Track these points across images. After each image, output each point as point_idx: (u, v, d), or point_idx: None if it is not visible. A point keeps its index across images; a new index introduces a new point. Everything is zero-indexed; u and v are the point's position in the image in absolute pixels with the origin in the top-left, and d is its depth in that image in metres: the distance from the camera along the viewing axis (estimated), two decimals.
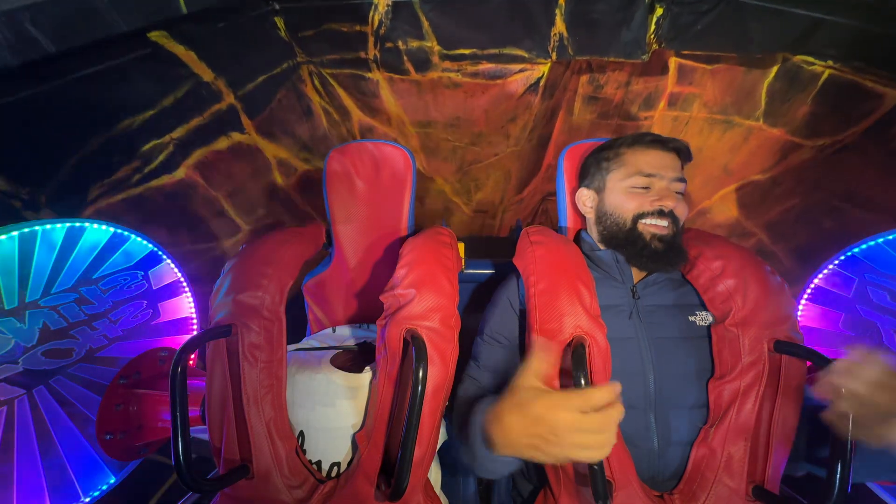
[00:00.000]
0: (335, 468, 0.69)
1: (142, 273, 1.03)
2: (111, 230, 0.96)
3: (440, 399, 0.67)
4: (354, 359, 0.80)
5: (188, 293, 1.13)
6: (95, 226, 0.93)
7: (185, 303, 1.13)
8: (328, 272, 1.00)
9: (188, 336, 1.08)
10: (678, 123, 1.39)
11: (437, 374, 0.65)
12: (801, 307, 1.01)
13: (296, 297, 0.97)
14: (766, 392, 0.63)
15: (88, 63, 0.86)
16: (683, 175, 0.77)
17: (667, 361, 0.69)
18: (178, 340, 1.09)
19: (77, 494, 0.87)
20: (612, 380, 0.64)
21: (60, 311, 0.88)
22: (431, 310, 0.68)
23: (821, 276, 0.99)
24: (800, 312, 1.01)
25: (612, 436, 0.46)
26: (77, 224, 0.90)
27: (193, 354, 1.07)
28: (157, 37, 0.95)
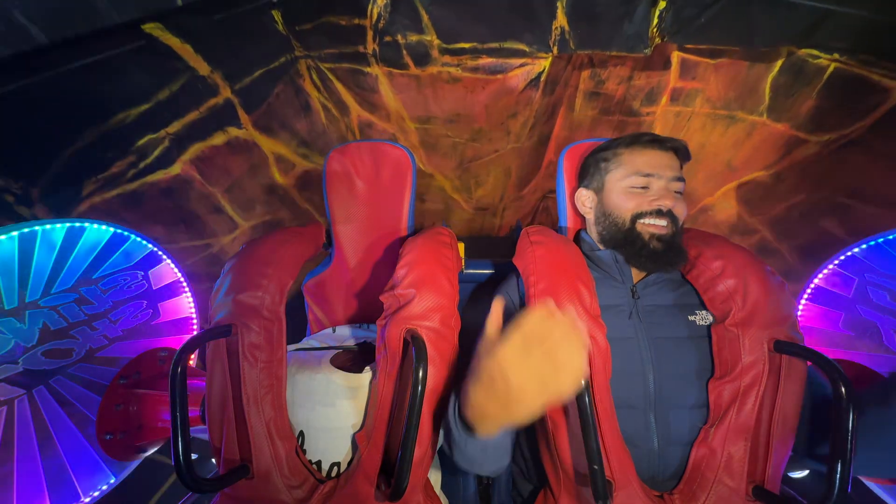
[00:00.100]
0: (335, 468, 0.69)
1: (142, 273, 1.03)
2: (111, 230, 0.96)
3: (440, 399, 0.66)
4: (354, 359, 0.80)
5: (188, 293, 1.13)
6: (95, 226, 0.93)
7: (185, 303, 1.13)
8: (328, 272, 0.99)
9: (188, 336, 1.08)
10: (681, 119, 1.37)
11: (437, 374, 0.65)
12: (801, 307, 1.00)
13: (296, 297, 0.97)
14: (767, 392, 0.62)
15: (81, 55, 0.84)
16: (682, 174, 0.77)
17: (667, 361, 0.69)
18: (178, 340, 1.09)
19: (77, 494, 0.87)
20: (613, 380, 0.64)
21: (60, 311, 0.88)
22: (431, 310, 0.67)
23: (821, 276, 0.99)
24: (800, 312, 1.00)
25: (573, 346, 0.44)
26: (77, 224, 0.90)
27: (193, 354, 1.08)
28: (152, 28, 0.93)
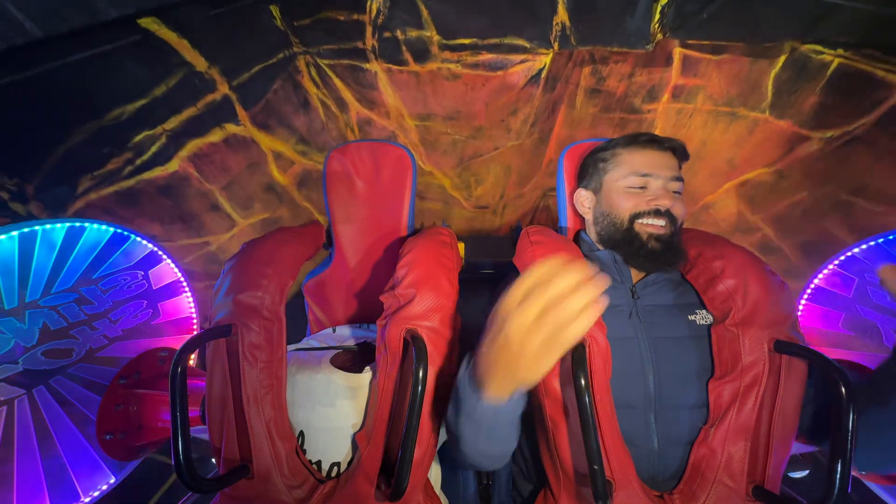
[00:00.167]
0: (335, 468, 0.69)
1: (142, 273, 1.03)
2: (111, 230, 0.95)
3: (440, 399, 0.66)
4: (354, 359, 0.80)
5: (188, 293, 1.13)
6: (95, 226, 0.93)
7: (185, 303, 1.13)
8: (328, 272, 0.99)
9: (188, 336, 1.08)
10: (682, 116, 1.36)
11: (437, 375, 0.65)
12: (802, 307, 1.00)
13: (296, 297, 0.96)
14: (767, 392, 0.62)
15: (76, 49, 0.84)
16: (681, 174, 0.77)
17: (666, 361, 0.69)
18: (178, 340, 1.09)
19: (77, 494, 0.88)
20: (613, 380, 0.64)
21: (60, 311, 0.88)
22: (431, 310, 0.67)
23: (821, 276, 0.98)
24: (800, 312, 1.00)
25: (578, 298, 0.38)
26: (77, 224, 0.90)
27: (193, 354, 1.07)
28: (148, 23, 0.92)
